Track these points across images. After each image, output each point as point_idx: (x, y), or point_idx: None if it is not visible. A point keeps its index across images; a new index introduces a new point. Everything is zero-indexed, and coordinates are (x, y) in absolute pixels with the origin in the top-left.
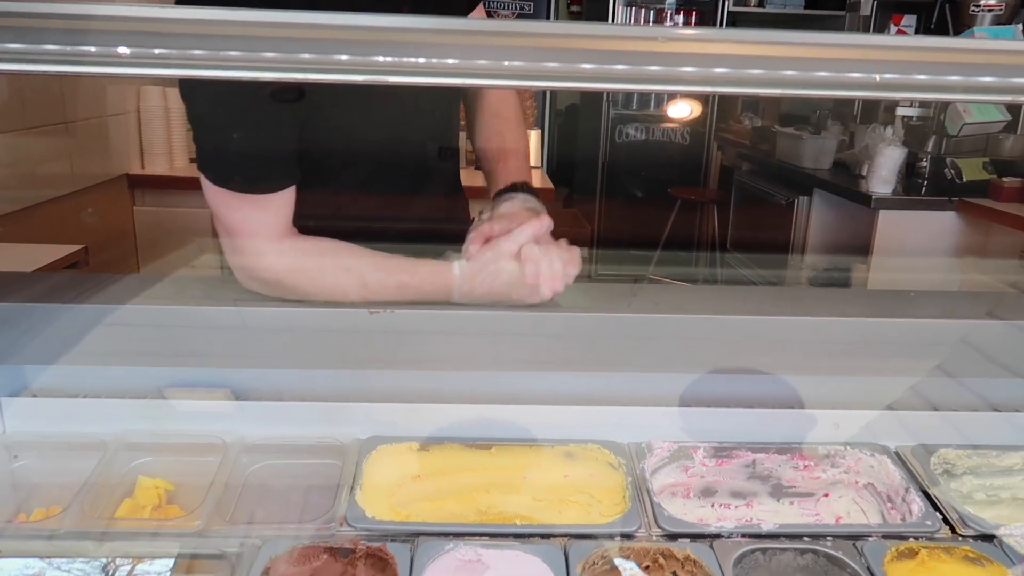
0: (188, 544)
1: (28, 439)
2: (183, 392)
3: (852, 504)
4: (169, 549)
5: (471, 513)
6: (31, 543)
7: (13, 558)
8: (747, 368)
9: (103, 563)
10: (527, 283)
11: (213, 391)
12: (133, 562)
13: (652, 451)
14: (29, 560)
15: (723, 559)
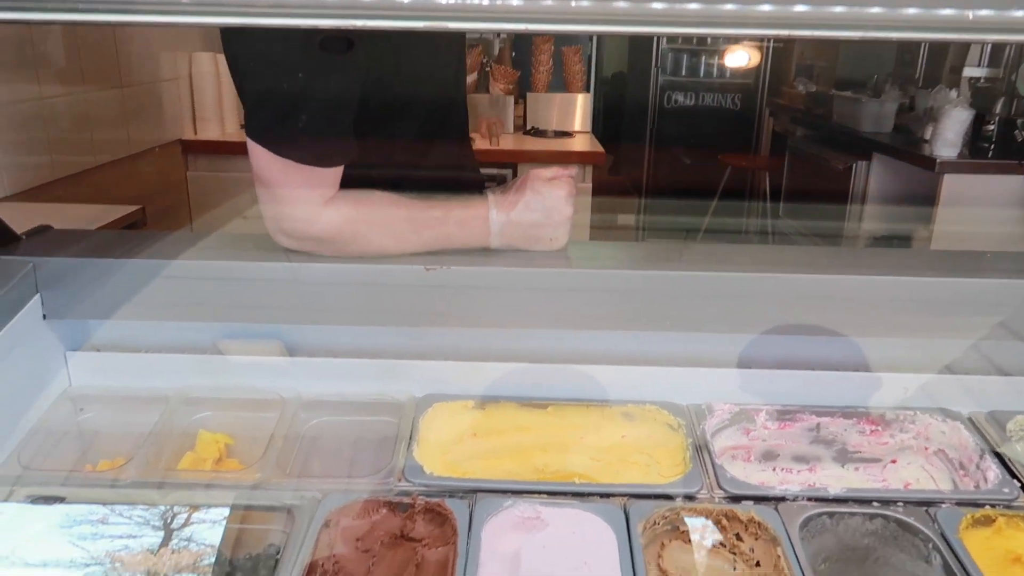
0: (248, 496)
1: (93, 392)
2: (236, 344)
3: (921, 471)
4: (227, 499)
5: (528, 472)
6: (96, 491)
7: (79, 504)
8: (810, 328)
9: (162, 510)
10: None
11: (265, 342)
12: (190, 510)
13: (713, 413)
14: (93, 507)
15: (788, 522)
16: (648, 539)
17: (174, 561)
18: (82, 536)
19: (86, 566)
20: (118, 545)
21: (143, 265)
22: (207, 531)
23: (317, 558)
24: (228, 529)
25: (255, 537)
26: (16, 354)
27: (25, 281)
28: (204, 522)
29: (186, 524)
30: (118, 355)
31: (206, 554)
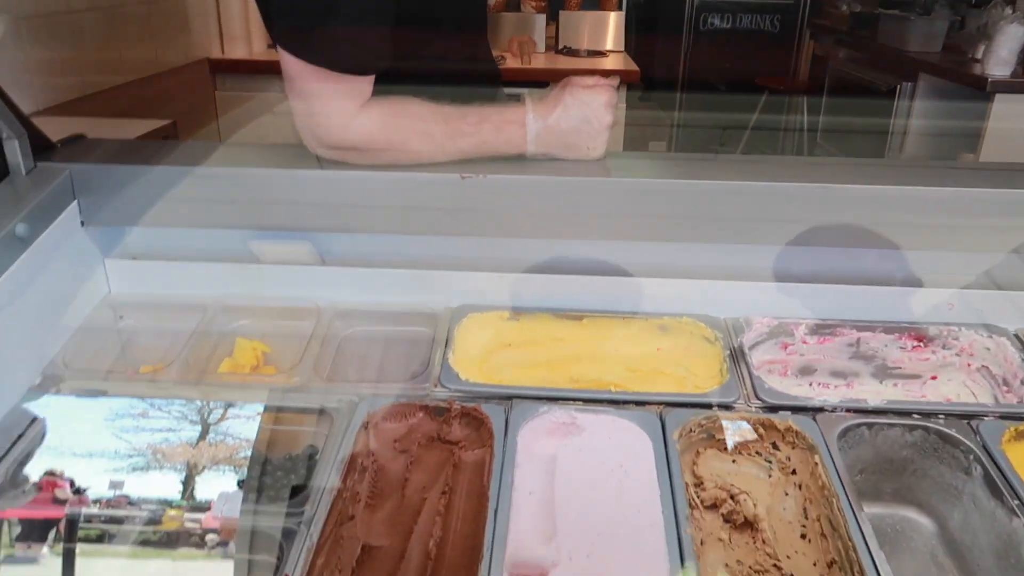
0: (287, 399)
1: (132, 300)
2: (267, 244)
3: (962, 387)
4: (262, 397)
5: (562, 381)
6: (137, 387)
7: (120, 398)
8: (852, 240)
9: (199, 406)
10: None
11: (296, 243)
12: (227, 406)
13: (750, 326)
14: (133, 400)
15: (827, 432)
16: (684, 446)
17: (211, 453)
18: (124, 429)
19: (129, 457)
20: (158, 438)
21: (178, 172)
22: (242, 426)
23: (356, 458)
24: (268, 431)
25: (294, 438)
26: (56, 260)
27: (62, 187)
28: (239, 418)
29: (222, 419)
30: (156, 263)
31: (242, 448)
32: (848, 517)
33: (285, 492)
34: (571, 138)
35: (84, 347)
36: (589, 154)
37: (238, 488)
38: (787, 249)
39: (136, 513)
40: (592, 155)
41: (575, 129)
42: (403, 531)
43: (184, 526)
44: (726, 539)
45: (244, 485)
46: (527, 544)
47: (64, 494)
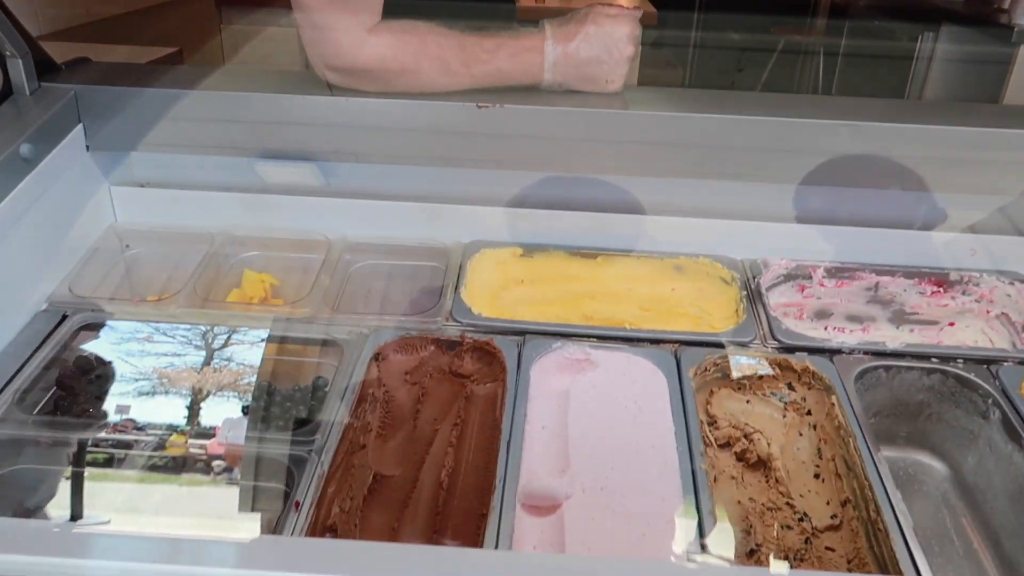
0: (297, 330)
1: (138, 228)
2: (272, 165)
3: (980, 334)
4: (266, 325)
5: (576, 318)
6: (141, 311)
7: (127, 321)
8: (873, 182)
9: (203, 330)
10: None
11: (301, 165)
12: (231, 332)
13: (768, 268)
14: (139, 324)
15: (844, 373)
16: (698, 385)
17: (216, 379)
18: (130, 352)
19: (135, 380)
20: (163, 362)
21: (184, 96)
22: (247, 352)
23: (367, 389)
24: (276, 361)
25: (304, 370)
26: (60, 184)
27: (67, 108)
28: (243, 343)
29: (227, 345)
30: (162, 191)
31: (246, 374)
32: (865, 457)
33: (295, 421)
34: (590, 69)
35: (90, 275)
36: (607, 87)
37: (243, 414)
38: (807, 189)
39: (142, 438)
40: (610, 88)
41: (595, 59)
42: (415, 461)
43: (189, 451)
44: (739, 477)
45: (252, 413)
46: (540, 476)
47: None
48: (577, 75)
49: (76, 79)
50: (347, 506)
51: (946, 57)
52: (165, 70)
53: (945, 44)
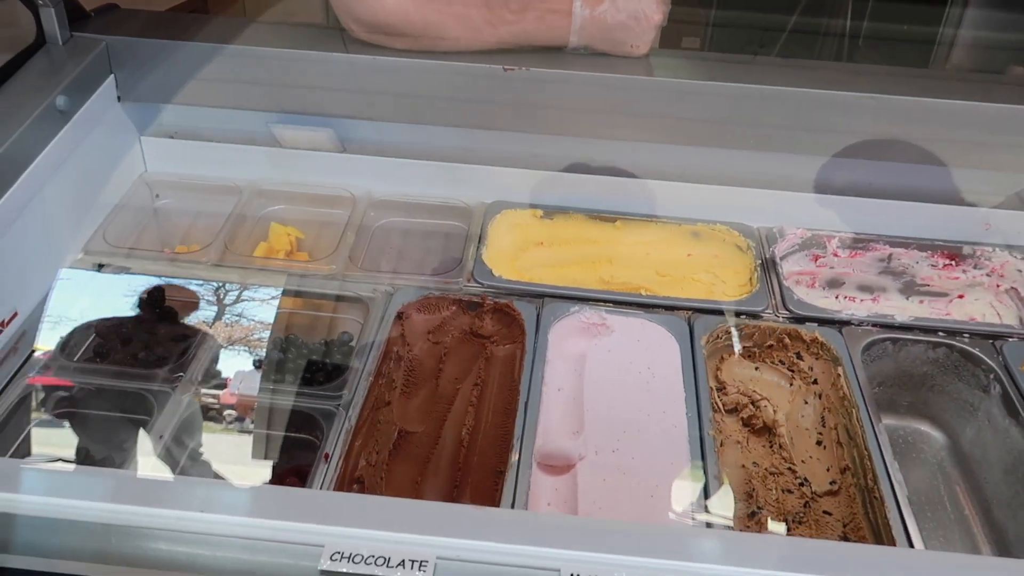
0: (322, 285)
1: (168, 179)
2: (289, 130)
3: (988, 307)
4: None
5: (593, 282)
6: (164, 266)
7: (139, 275)
8: (894, 154)
9: (215, 286)
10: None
11: (319, 130)
12: (242, 286)
13: (784, 236)
14: (151, 278)
15: (851, 345)
16: (710, 352)
17: (227, 333)
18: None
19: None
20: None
21: (212, 49)
22: (257, 308)
23: (391, 347)
24: (304, 316)
25: (330, 325)
26: (94, 135)
27: (99, 60)
28: (255, 300)
29: (238, 301)
30: (191, 143)
31: (256, 329)
32: (866, 427)
33: (321, 376)
34: (617, 33)
35: (123, 223)
36: (632, 52)
37: (254, 368)
38: (825, 159)
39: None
40: (635, 53)
41: (622, 24)
42: (437, 419)
43: (202, 401)
44: (744, 442)
45: (278, 368)
46: (556, 437)
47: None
48: (604, 39)
49: (106, 28)
50: (373, 459)
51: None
52: (193, 21)
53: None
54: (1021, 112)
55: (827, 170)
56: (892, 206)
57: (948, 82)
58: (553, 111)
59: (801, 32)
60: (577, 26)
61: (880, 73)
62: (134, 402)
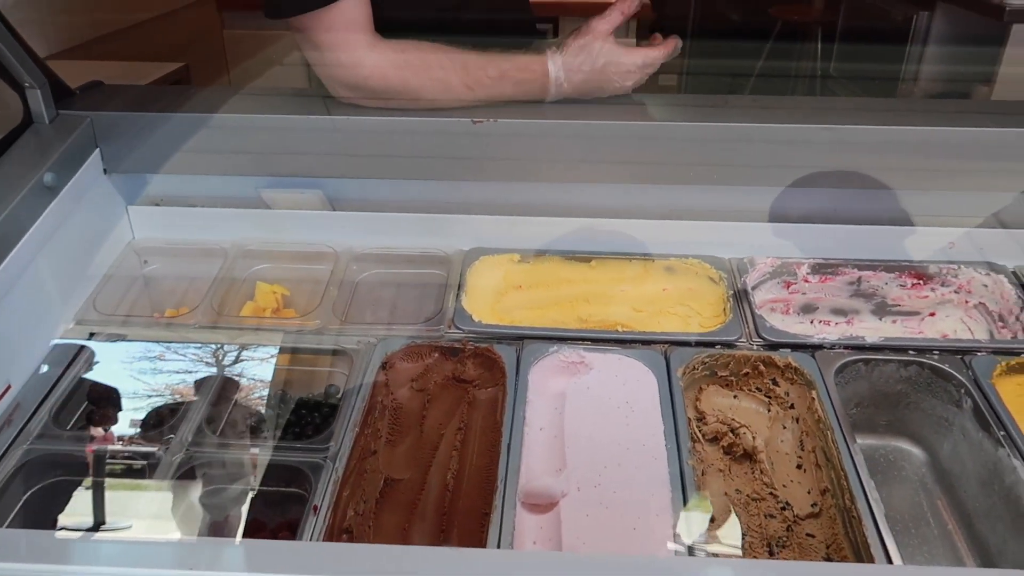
0: (308, 341)
1: (155, 245)
2: (278, 193)
3: (959, 323)
4: (282, 340)
5: (572, 321)
6: (155, 331)
7: (138, 342)
8: (856, 180)
9: (214, 348)
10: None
11: (306, 192)
12: (240, 348)
13: (754, 266)
14: (151, 345)
15: (825, 368)
16: (687, 383)
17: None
18: (142, 371)
19: (148, 397)
20: (176, 379)
21: (195, 119)
22: (256, 368)
23: (376, 396)
24: (291, 371)
25: (317, 379)
26: (81, 207)
27: (85, 135)
28: (253, 360)
29: (237, 361)
30: (177, 209)
31: (256, 388)
32: (841, 448)
33: (310, 429)
34: (594, 94)
35: (113, 292)
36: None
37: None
38: (791, 190)
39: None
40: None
41: (599, 87)
42: (422, 465)
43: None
44: (726, 470)
45: (268, 423)
46: (539, 476)
47: (96, 432)
48: (579, 96)
49: (91, 105)
50: (361, 509)
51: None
52: (173, 93)
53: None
54: (976, 134)
55: (793, 200)
56: (857, 230)
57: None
58: (524, 159)
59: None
60: (553, 91)
61: (842, 104)
62: (128, 466)
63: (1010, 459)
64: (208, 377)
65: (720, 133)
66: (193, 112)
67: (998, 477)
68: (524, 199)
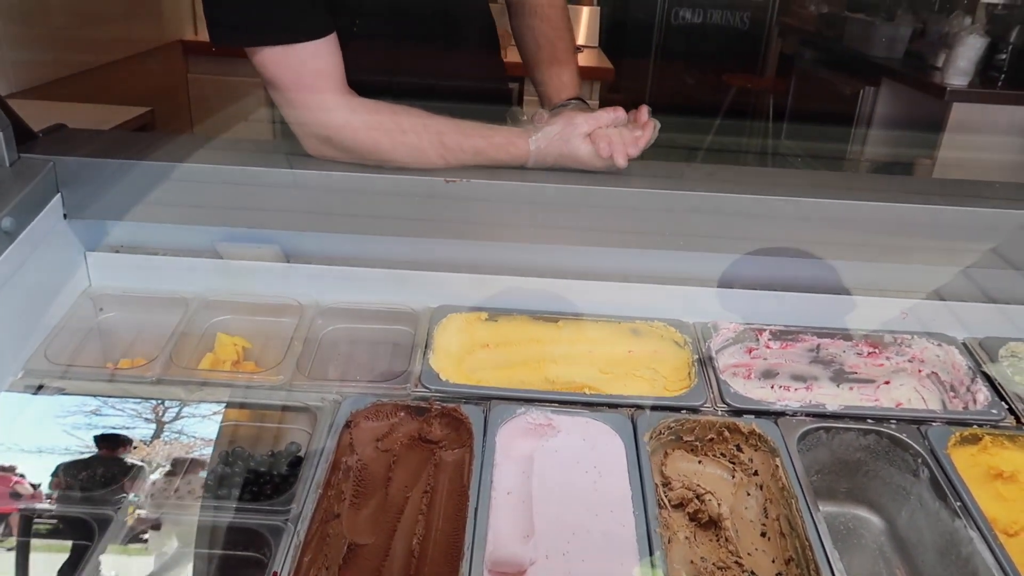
0: (270, 396)
1: (112, 292)
2: (234, 247)
3: (913, 392)
4: (240, 394)
5: (539, 382)
6: (100, 385)
7: (74, 395)
8: (814, 251)
9: (153, 404)
10: (601, 156)
11: (262, 247)
12: (181, 403)
13: (718, 331)
14: (86, 398)
15: (787, 435)
16: (653, 448)
17: (167, 452)
18: (76, 426)
19: (80, 453)
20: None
21: (159, 168)
22: (198, 425)
23: (340, 456)
24: (250, 427)
25: (278, 435)
26: (39, 253)
27: (46, 180)
28: (195, 416)
29: (177, 418)
30: (136, 256)
31: (198, 446)
32: (805, 518)
33: (269, 488)
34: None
35: (66, 340)
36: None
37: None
38: (752, 257)
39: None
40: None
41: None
42: (387, 530)
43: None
44: (691, 537)
45: (225, 481)
46: (506, 543)
47: (24, 490)
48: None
49: (54, 149)
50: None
51: (886, 111)
52: (137, 139)
53: (885, 99)
54: (923, 210)
55: (755, 267)
56: (816, 299)
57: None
58: (495, 219)
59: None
60: (532, 165)
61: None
62: (75, 527)
63: (966, 530)
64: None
65: (683, 202)
66: (158, 161)
67: (955, 547)
68: (494, 257)
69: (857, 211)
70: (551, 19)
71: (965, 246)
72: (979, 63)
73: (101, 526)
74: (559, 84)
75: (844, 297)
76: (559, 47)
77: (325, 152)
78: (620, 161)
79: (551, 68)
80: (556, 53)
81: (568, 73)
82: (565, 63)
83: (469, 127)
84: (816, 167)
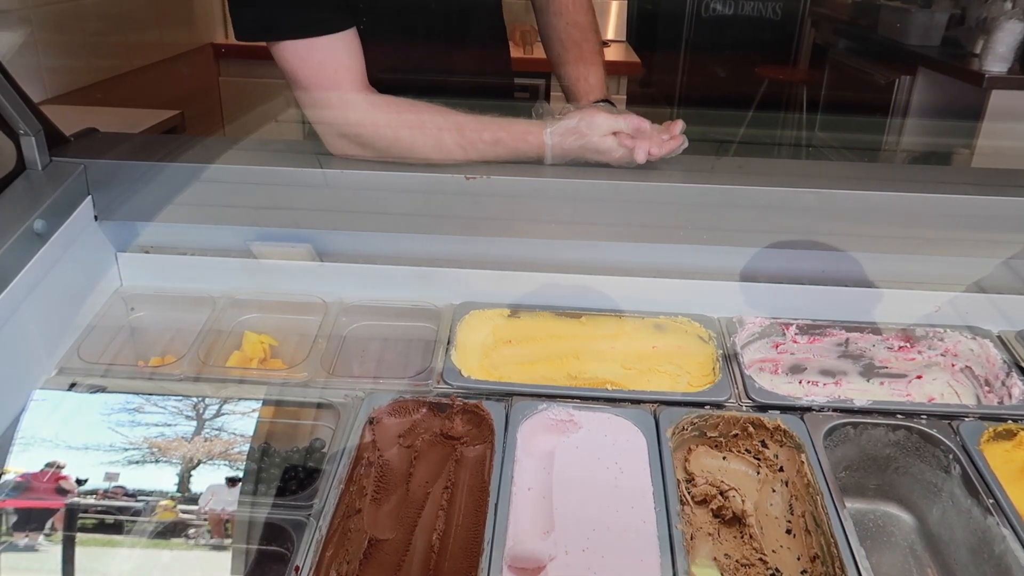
0: (296, 393)
1: (143, 292)
2: (267, 246)
3: (946, 387)
4: (268, 392)
5: (561, 378)
6: (135, 383)
7: (118, 393)
8: (843, 243)
9: (194, 401)
10: (624, 145)
11: (296, 246)
12: (223, 399)
13: (743, 326)
14: (130, 396)
15: (813, 431)
16: (676, 444)
17: (207, 448)
18: (120, 423)
19: (125, 450)
20: (154, 432)
21: (188, 169)
22: (238, 422)
23: (362, 452)
24: (276, 424)
25: (302, 432)
26: (70, 254)
27: (77, 183)
28: (235, 414)
29: (218, 415)
30: (166, 257)
31: (237, 443)
32: (831, 514)
33: (293, 484)
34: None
35: (98, 339)
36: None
37: (228, 482)
38: (779, 251)
39: (131, 504)
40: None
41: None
42: (407, 525)
43: (179, 517)
44: (715, 533)
45: (250, 477)
46: (526, 538)
47: (69, 485)
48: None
49: (85, 152)
50: (344, 570)
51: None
52: (167, 142)
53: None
54: (963, 202)
55: (782, 261)
56: (845, 292)
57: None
58: (516, 215)
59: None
60: (549, 160)
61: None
62: (105, 523)
63: (999, 528)
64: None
65: (709, 195)
66: (186, 163)
67: (987, 545)
68: (515, 254)
69: (892, 202)
70: (577, 19)
71: (1005, 237)
72: (1019, 49)
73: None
74: (586, 86)
75: (873, 290)
76: (585, 48)
77: (347, 150)
78: (640, 156)
79: (577, 68)
80: (583, 54)
81: (595, 75)
82: (592, 63)
83: (486, 119)
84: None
